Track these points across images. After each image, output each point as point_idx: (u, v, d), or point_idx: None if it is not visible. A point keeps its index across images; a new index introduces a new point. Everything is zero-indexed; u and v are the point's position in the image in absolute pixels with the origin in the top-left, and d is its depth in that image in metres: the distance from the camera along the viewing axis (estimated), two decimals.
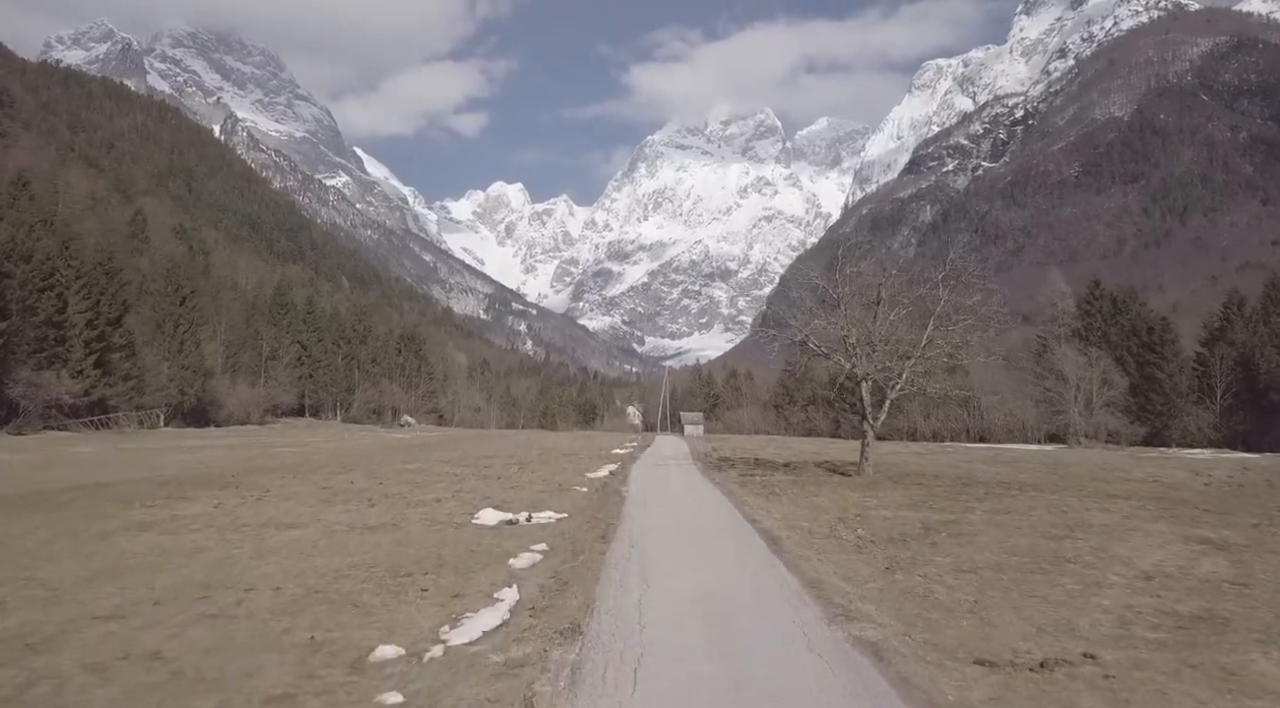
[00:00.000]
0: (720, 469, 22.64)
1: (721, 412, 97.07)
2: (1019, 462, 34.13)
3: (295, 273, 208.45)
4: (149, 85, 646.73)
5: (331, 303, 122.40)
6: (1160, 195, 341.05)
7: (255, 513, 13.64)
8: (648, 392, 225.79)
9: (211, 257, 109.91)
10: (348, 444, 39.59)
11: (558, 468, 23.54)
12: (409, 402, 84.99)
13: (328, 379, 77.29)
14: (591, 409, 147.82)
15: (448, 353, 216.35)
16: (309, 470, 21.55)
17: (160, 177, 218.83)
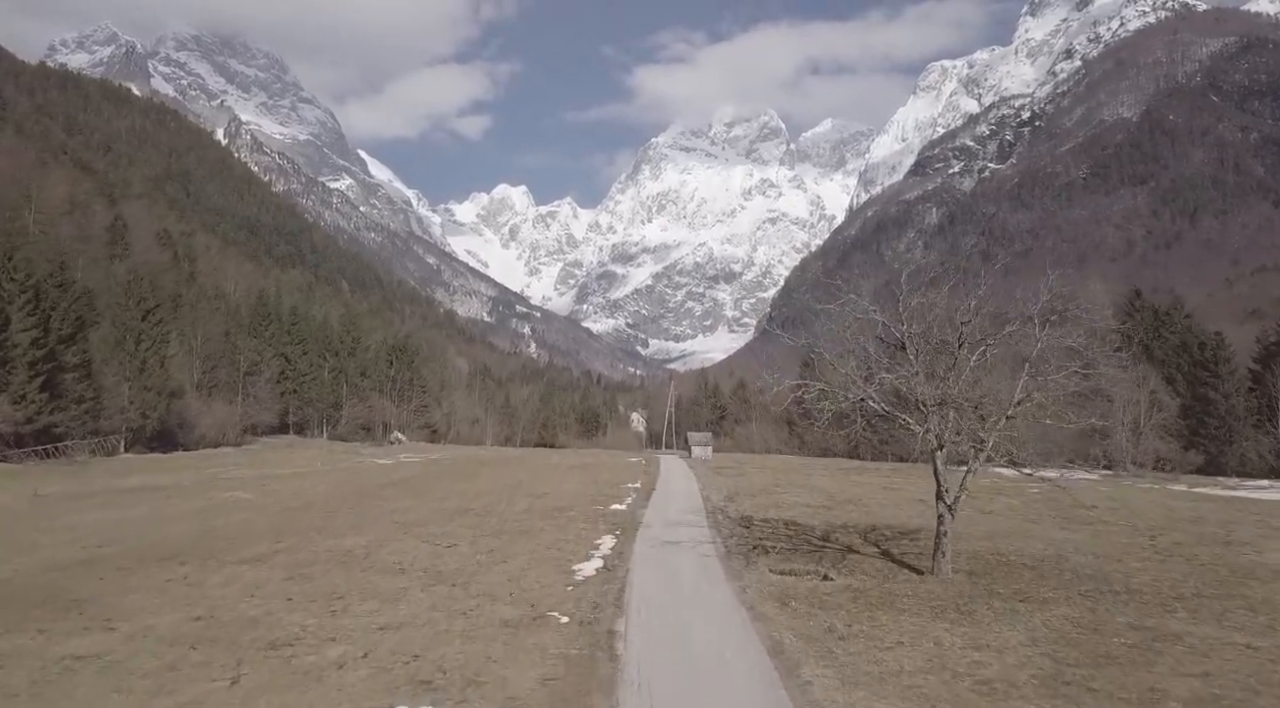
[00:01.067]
0: (748, 560, 17.42)
1: (729, 425, 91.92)
2: (1123, 511, 28.88)
3: (294, 277, 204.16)
4: (152, 88, 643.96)
5: (323, 311, 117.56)
6: (1170, 197, 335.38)
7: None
8: (652, 397, 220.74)
9: (198, 263, 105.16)
10: (308, 485, 34.51)
11: (537, 550, 18.40)
12: (400, 417, 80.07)
13: (314, 394, 72.44)
14: (594, 418, 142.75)
15: (449, 358, 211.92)
16: (216, 562, 16.49)
17: (157, 180, 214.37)
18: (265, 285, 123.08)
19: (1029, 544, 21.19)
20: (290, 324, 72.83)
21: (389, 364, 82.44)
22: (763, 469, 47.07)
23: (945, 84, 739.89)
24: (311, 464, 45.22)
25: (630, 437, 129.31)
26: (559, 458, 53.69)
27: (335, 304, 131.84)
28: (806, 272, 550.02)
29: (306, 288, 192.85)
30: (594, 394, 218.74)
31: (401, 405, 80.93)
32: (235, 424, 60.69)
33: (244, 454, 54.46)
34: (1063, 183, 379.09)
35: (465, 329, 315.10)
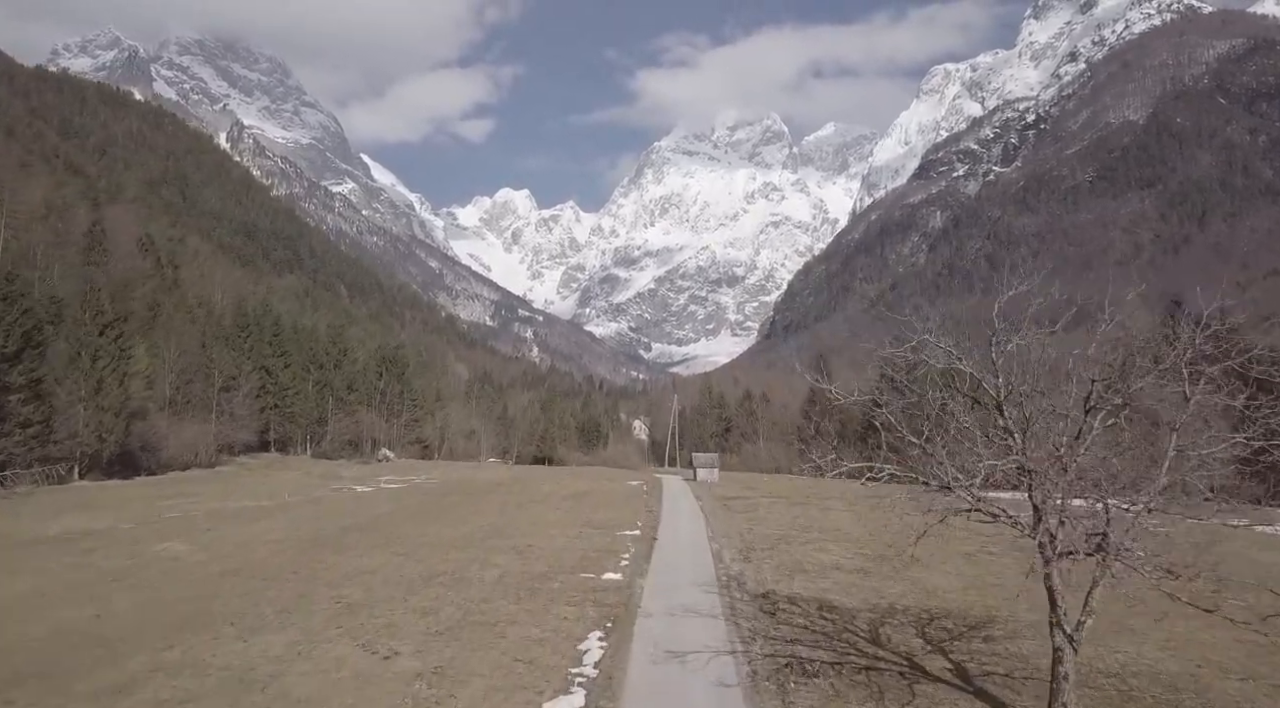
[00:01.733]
0: (783, 691, 12.74)
1: (736, 439, 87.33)
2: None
3: (290, 283, 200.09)
4: (155, 92, 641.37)
5: (314, 319, 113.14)
6: (1178, 200, 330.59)
7: None
8: (654, 404, 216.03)
9: (184, 270, 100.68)
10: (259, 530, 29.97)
11: (501, 665, 13.80)
12: (390, 432, 75.64)
13: (297, 409, 68.00)
14: (595, 428, 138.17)
15: (448, 364, 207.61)
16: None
17: (152, 183, 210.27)
18: (256, 292, 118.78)
19: (1142, 651, 16.39)
20: (272, 335, 68.29)
21: (378, 376, 77.93)
22: (775, 499, 42.44)
23: (948, 87, 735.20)
24: (279, 494, 40.78)
25: (632, 449, 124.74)
26: (552, 484, 49.10)
27: (328, 312, 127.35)
28: (810, 275, 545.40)
29: (303, 294, 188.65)
30: (595, 402, 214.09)
31: (391, 420, 76.46)
32: (209, 444, 56.23)
33: (213, 479, 50.05)
34: (1069, 186, 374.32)
35: (466, 334, 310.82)
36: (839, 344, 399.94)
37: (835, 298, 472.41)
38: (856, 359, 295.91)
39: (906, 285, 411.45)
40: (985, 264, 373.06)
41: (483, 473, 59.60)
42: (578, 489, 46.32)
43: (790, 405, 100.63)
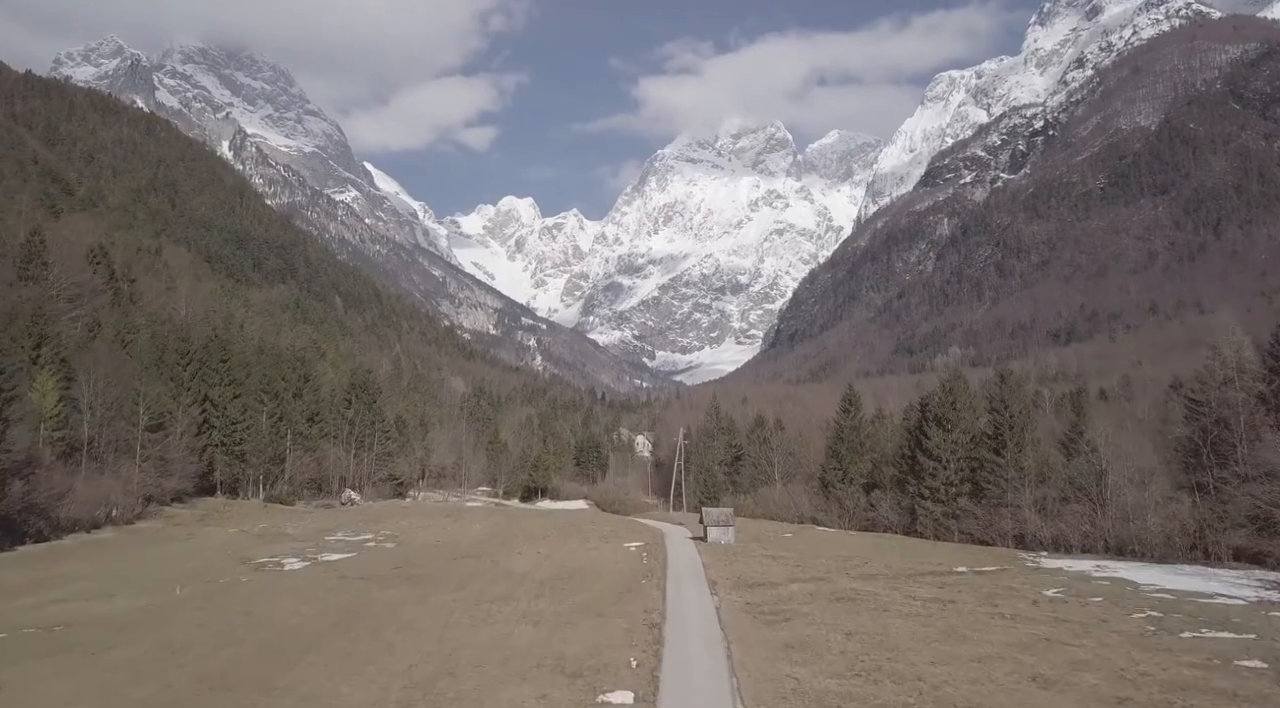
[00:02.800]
0: None
1: (748, 472, 77.94)
2: None
3: (280, 294, 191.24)
4: (157, 101, 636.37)
5: (291, 335, 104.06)
6: (1192, 207, 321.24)
7: None
8: (658, 419, 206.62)
9: (144, 284, 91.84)
10: (59, 688, 20.72)
11: None
12: (359, 468, 66.63)
13: (249, 447, 59.04)
14: (595, 450, 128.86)
15: (444, 378, 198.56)
16: None
17: (140, 191, 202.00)
18: (230, 307, 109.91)
19: None
20: (220, 360, 59.27)
21: (346, 404, 68.93)
22: (809, 586, 33.16)
23: (953, 94, 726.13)
24: (173, 581, 31.76)
25: (633, 480, 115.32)
26: (533, 553, 39.82)
27: (308, 327, 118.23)
28: (815, 283, 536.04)
29: (292, 305, 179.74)
30: (597, 416, 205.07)
31: (360, 454, 67.44)
32: (132, 494, 47.35)
33: (111, 548, 40.90)
34: (1079, 193, 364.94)
35: (465, 345, 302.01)
36: (844, 353, 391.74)
37: (841, 306, 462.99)
38: (866, 369, 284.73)
39: (914, 294, 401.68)
40: (995, 272, 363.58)
41: (456, 528, 50.46)
42: (561, 566, 37.05)
43: (807, 433, 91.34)
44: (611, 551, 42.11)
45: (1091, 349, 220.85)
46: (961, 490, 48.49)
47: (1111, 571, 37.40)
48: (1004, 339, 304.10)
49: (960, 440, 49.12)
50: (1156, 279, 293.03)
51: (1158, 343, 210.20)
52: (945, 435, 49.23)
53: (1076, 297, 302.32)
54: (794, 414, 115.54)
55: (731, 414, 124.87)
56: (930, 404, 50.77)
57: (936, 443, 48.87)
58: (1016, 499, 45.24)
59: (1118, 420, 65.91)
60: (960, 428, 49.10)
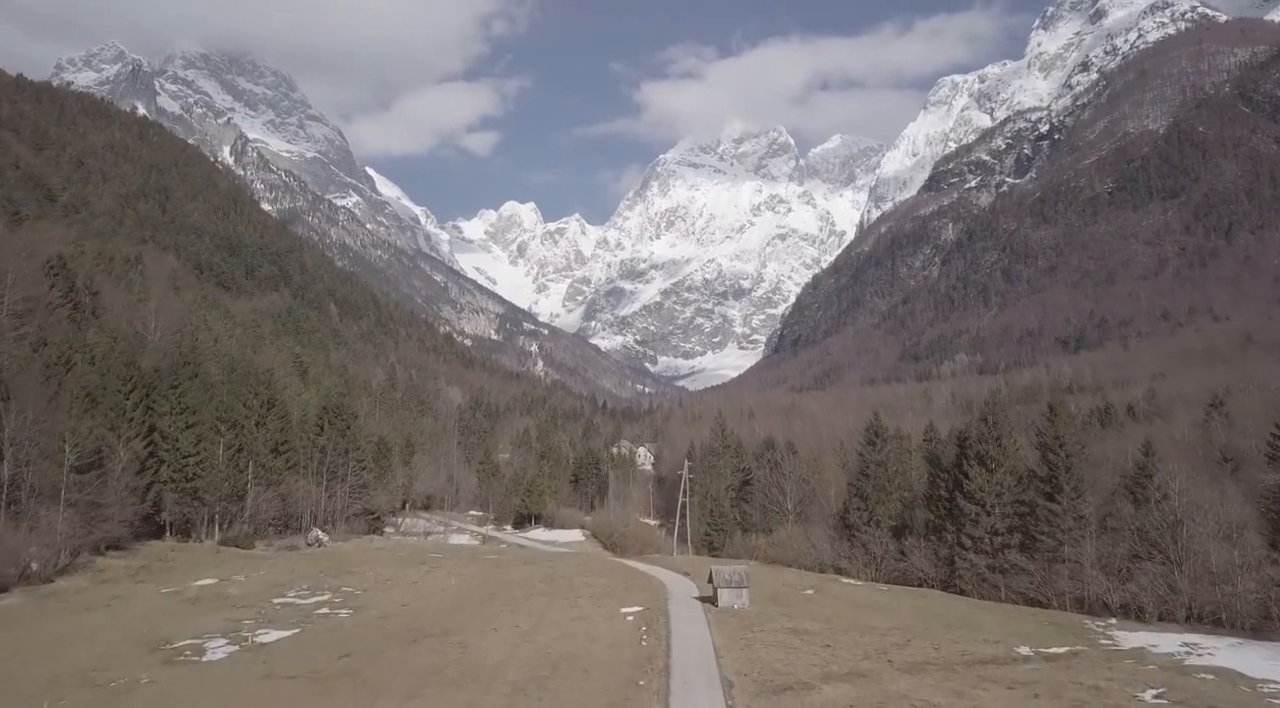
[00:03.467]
0: None
1: (759, 506, 71.11)
2: None
3: (272, 303, 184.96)
4: (158, 106, 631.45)
5: (273, 351, 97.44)
6: (1203, 212, 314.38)
7: None
8: (660, 429, 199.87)
9: (110, 296, 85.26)
10: None
11: None
12: (330, 503, 60.06)
13: (203, 483, 52.46)
14: (594, 466, 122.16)
15: (440, 388, 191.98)
16: None
17: (129, 197, 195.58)
18: (208, 319, 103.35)
19: None
20: (170, 386, 52.47)
21: (318, 431, 62.34)
22: (854, 677, 26.52)
23: (956, 99, 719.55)
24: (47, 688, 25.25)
25: (634, 506, 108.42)
26: (503, 636, 33.06)
27: (291, 340, 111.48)
28: (818, 288, 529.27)
29: (284, 315, 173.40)
30: (597, 427, 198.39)
31: (333, 485, 60.90)
32: (53, 547, 40.80)
33: None
34: (1087, 197, 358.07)
35: (465, 352, 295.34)
36: (849, 359, 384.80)
37: (845, 312, 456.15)
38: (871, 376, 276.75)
39: (919, 299, 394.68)
40: (1001, 277, 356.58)
41: (429, 581, 43.78)
42: (543, 653, 30.39)
43: (818, 451, 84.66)
44: (605, 621, 35.41)
45: (1105, 357, 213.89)
46: (1009, 541, 41.79)
47: (1208, 653, 30.85)
48: (1011, 346, 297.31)
49: (1005, 482, 42.47)
50: (1167, 285, 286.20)
51: (1172, 351, 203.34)
52: (988, 476, 42.58)
53: (1085, 303, 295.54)
54: (804, 432, 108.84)
55: (738, 431, 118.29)
56: (969, 439, 44.12)
57: (979, 485, 42.24)
58: (1076, 554, 38.63)
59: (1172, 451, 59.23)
60: (1005, 467, 42.48)
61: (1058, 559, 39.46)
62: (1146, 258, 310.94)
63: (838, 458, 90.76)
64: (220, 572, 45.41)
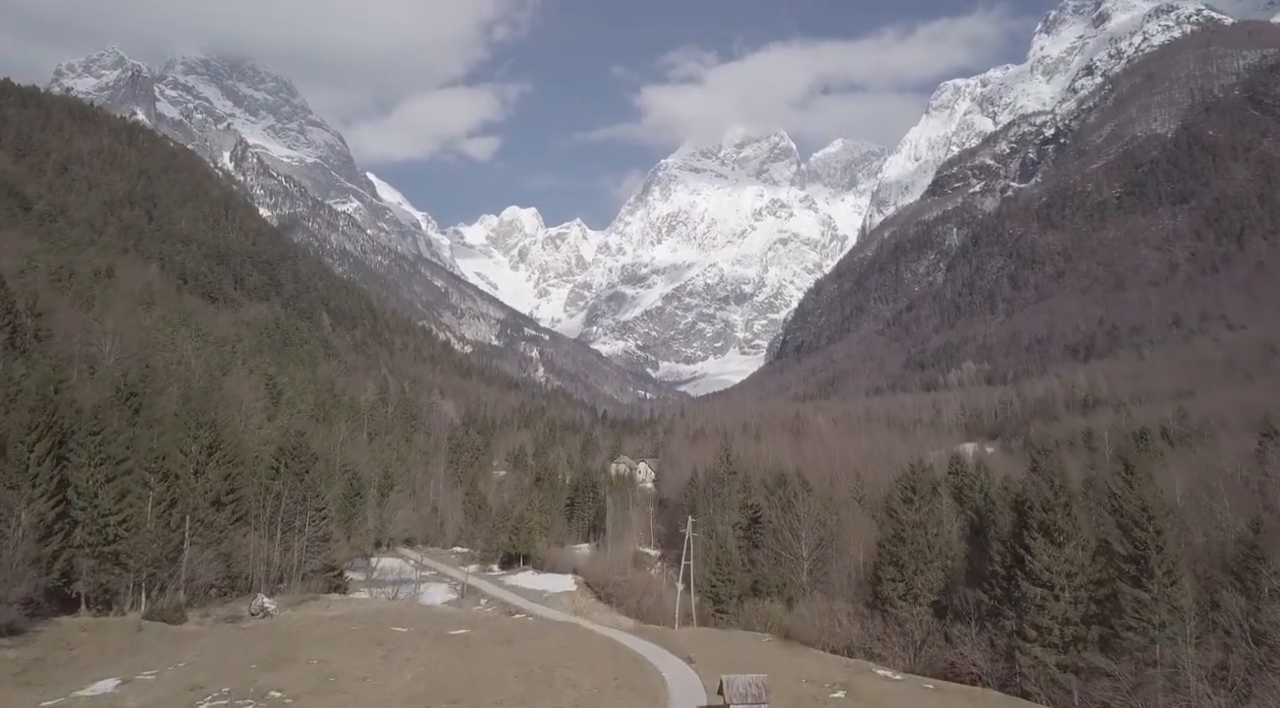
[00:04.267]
0: None
1: (770, 552, 63.06)
2: None
3: (260, 314, 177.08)
4: (158, 112, 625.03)
5: (246, 371, 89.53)
6: (1214, 217, 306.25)
7: None
8: (662, 444, 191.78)
9: (52, 318, 77.43)
10: None
11: None
12: (286, 559, 52.29)
13: (126, 546, 44.65)
14: (591, 489, 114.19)
15: (433, 402, 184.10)
16: None
17: (112, 205, 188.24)
18: (174, 338, 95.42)
19: None
20: (89, 432, 44.61)
21: (273, 474, 54.59)
22: None
23: (958, 103, 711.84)
24: None
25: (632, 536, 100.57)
26: None
27: (267, 359, 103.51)
28: (821, 294, 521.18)
29: (272, 327, 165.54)
30: (596, 441, 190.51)
31: (290, 537, 53.12)
32: None
33: None
34: (1094, 202, 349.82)
35: (462, 361, 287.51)
36: (853, 366, 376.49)
37: (849, 318, 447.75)
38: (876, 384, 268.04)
39: (924, 305, 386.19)
40: (1008, 283, 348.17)
41: (382, 674, 35.93)
42: None
43: (836, 492, 76.70)
44: None
45: (1120, 368, 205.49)
46: (1085, 634, 33.84)
47: None
48: (1019, 353, 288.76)
49: (1078, 559, 34.59)
50: (1178, 291, 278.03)
51: (1190, 361, 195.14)
52: (1055, 551, 34.68)
53: (1095, 309, 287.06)
54: (814, 456, 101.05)
55: (742, 452, 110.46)
56: (1030, 503, 36.15)
57: (1044, 563, 34.37)
58: (1174, 655, 30.71)
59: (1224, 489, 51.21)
60: (1077, 540, 34.60)
61: (1149, 662, 31.58)
62: (1157, 264, 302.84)
63: (852, 488, 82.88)
64: (131, 665, 37.45)
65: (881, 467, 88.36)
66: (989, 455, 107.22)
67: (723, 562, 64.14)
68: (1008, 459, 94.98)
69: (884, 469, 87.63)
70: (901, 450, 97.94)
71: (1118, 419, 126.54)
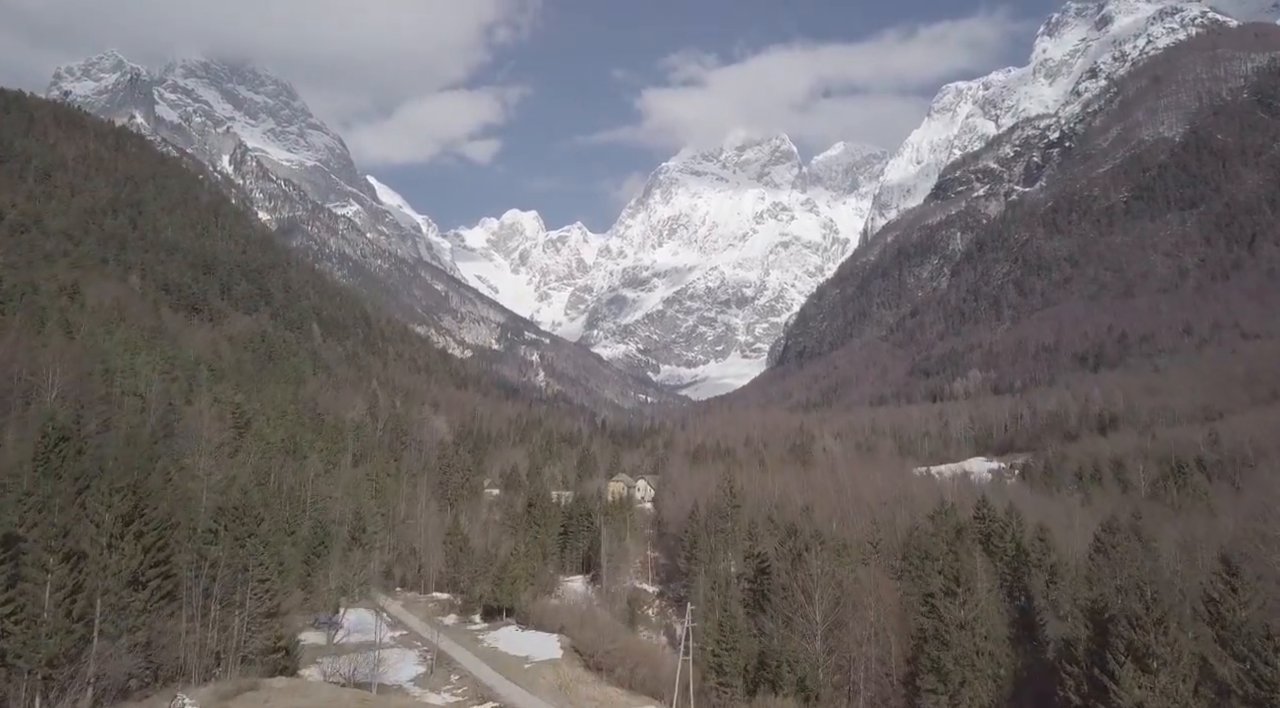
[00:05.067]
0: None
1: (781, 613, 55.65)
2: None
3: (245, 327, 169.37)
4: (157, 115, 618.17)
5: (213, 396, 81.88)
6: (1224, 222, 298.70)
7: None
8: (662, 460, 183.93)
9: (3, 341, 69.91)
10: None
11: None
12: (224, 640, 44.82)
13: (21, 641, 37.27)
14: (586, 518, 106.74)
15: (424, 417, 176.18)
16: None
17: (93, 213, 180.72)
18: (140, 363, 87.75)
19: None
20: None
21: (211, 538, 47.13)
22: None
23: (960, 106, 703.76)
24: None
25: (628, 570, 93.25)
26: None
27: (230, 386, 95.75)
28: (823, 299, 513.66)
29: (257, 341, 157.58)
30: (594, 457, 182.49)
31: (228, 614, 45.58)
32: None
33: None
34: (1102, 207, 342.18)
35: (458, 371, 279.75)
36: (856, 374, 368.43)
37: (851, 324, 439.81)
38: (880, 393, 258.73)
39: (928, 312, 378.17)
40: (1014, 290, 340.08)
41: None
42: None
43: (850, 535, 69.19)
44: None
45: (1135, 380, 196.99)
46: None
47: None
48: (1027, 362, 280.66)
49: (1179, 692, 27.05)
50: (1188, 298, 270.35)
51: (1207, 374, 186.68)
52: (1149, 680, 27.18)
53: (1103, 317, 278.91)
54: (823, 486, 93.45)
55: (744, 479, 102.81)
56: (1114, 619, 28.55)
57: (1135, 697, 26.81)
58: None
59: None
60: (1178, 670, 27.05)
61: None
62: (1166, 270, 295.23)
63: (867, 531, 75.25)
64: None
65: (898, 503, 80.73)
66: (1010, 485, 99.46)
67: (726, 627, 56.54)
68: (1037, 497, 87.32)
69: (901, 507, 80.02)
70: (919, 487, 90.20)
71: (1142, 442, 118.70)
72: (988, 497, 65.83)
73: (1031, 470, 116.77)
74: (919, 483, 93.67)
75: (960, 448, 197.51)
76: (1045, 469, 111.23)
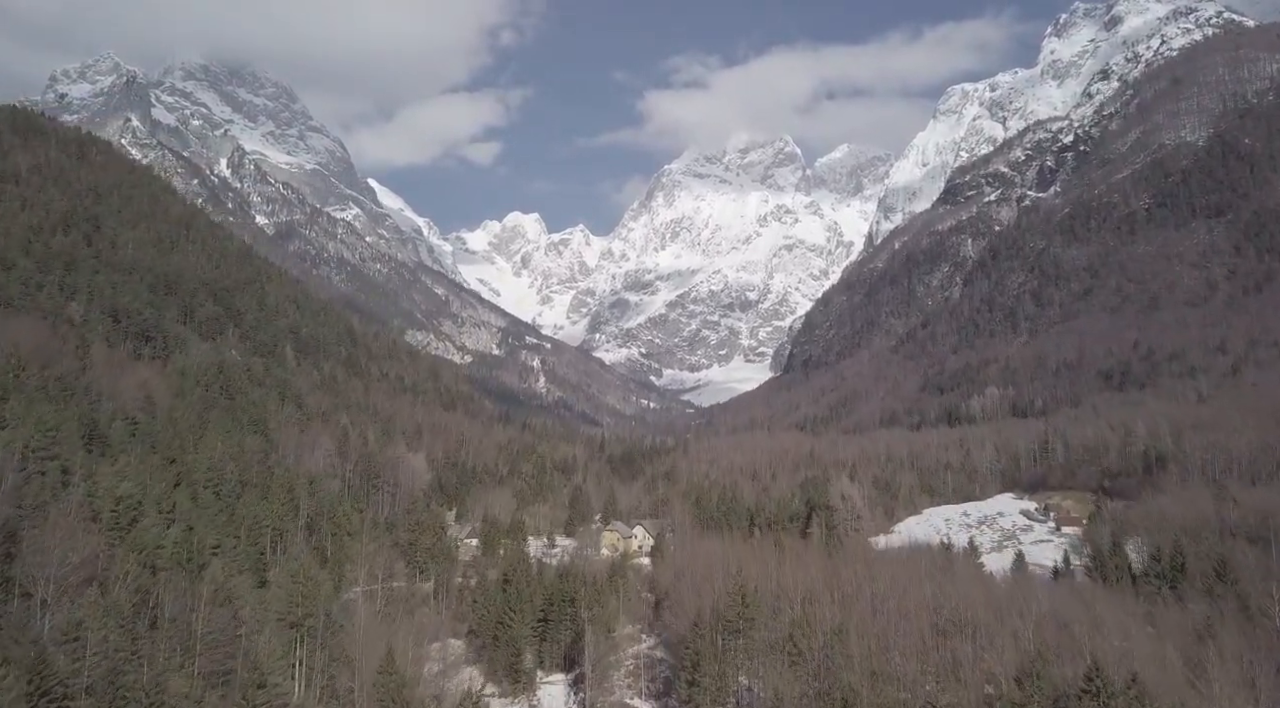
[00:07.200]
0: None
1: None
2: None
3: (203, 356, 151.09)
4: (154, 119, 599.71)
5: (53, 511, 63.13)
6: (1254, 231, 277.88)
7: None
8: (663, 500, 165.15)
9: None
10: None
11: None
12: None
13: None
14: (568, 604, 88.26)
15: (400, 455, 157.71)
16: None
17: (41, 230, 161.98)
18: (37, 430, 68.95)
19: None
20: None
21: None
22: None
23: (967, 107, 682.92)
24: None
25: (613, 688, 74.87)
26: None
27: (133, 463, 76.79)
28: (830, 306, 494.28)
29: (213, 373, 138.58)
30: (588, 496, 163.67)
31: None
32: None
33: None
34: (1122, 214, 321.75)
35: (448, 388, 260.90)
36: (865, 387, 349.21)
37: (859, 333, 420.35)
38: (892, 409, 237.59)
39: (940, 322, 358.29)
40: (1031, 301, 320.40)
41: None
42: None
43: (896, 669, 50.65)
44: None
45: (1176, 410, 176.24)
46: None
47: None
48: (1047, 379, 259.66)
49: None
50: (1219, 312, 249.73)
51: (1260, 408, 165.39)
52: None
53: (1128, 332, 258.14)
54: (857, 590, 74.67)
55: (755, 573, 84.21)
56: None
57: None
58: None
59: None
60: None
61: None
62: (1193, 281, 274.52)
63: (916, 673, 56.65)
64: None
65: (958, 631, 62.07)
66: (1082, 585, 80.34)
67: None
68: (1121, 599, 68.78)
69: (962, 637, 61.36)
70: (976, 590, 71.30)
71: (1222, 507, 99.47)
72: (1098, 663, 47.18)
73: (1096, 543, 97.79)
74: (972, 583, 74.85)
75: (986, 483, 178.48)
76: (1112, 544, 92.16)
